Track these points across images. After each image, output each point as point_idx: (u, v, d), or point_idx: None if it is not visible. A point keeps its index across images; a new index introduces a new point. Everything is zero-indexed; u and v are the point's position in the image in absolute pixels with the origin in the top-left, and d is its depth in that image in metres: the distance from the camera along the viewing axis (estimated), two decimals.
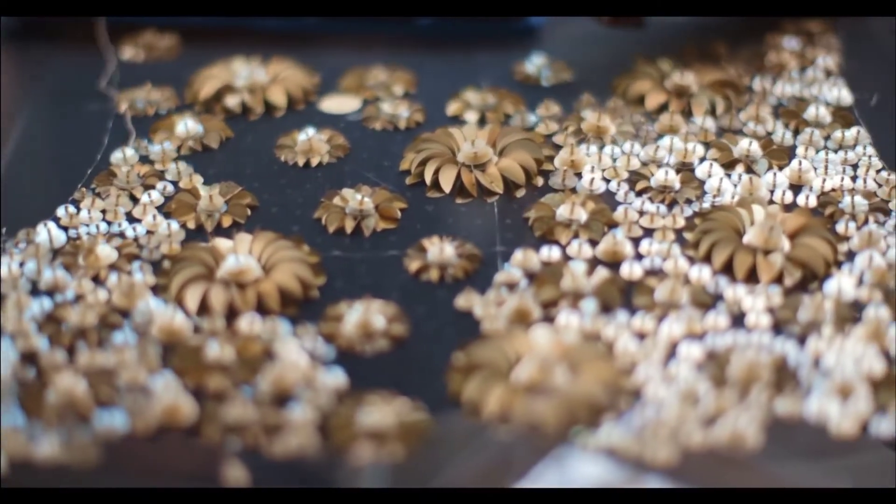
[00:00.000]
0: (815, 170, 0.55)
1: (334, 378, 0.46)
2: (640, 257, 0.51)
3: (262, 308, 0.48)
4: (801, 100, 0.60)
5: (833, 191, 0.54)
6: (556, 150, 0.57)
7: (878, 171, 0.55)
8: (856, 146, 0.57)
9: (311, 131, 0.58)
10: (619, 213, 0.53)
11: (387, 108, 0.60)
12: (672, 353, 0.46)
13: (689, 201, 0.54)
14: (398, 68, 0.63)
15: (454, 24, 0.66)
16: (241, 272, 0.49)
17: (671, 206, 0.53)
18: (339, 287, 0.50)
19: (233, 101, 0.60)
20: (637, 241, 0.51)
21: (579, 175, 0.55)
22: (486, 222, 0.53)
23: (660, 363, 0.46)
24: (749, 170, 0.55)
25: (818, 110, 0.58)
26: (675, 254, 0.51)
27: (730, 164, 0.56)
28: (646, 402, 0.45)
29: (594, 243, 0.51)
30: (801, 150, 0.57)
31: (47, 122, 0.60)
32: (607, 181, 0.55)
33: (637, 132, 0.58)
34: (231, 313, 0.48)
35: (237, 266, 0.49)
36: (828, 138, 0.57)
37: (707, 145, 0.57)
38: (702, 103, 0.59)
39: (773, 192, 0.54)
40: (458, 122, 0.59)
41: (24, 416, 0.44)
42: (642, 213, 0.53)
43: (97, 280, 0.50)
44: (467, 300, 0.49)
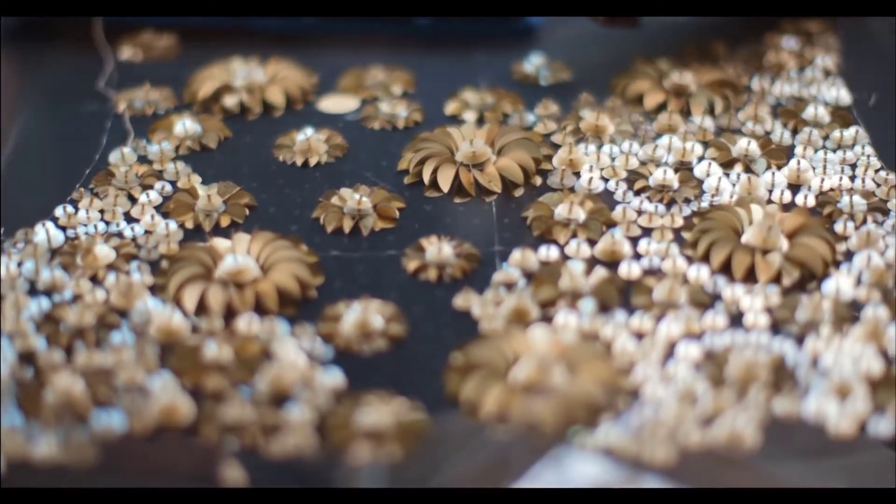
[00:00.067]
0: (814, 169, 0.55)
1: (332, 378, 0.46)
2: (638, 257, 0.51)
3: (260, 308, 0.48)
4: (800, 99, 0.60)
5: (831, 190, 0.54)
6: (555, 149, 0.57)
7: (876, 171, 0.55)
8: (854, 146, 0.57)
9: (310, 131, 0.58)
10: (617, 213, 0.53)
11: (385, 107, 0.60)
12: (670, 352, 0.46)
13: (688, 201, 0.54)
14: (397, 68, 0.63)
15: (453, 24, 0.66)
16: (240, 272, 0.49)
17: (670, 205, 0.53)
18: (337, 287, 0.50)
19: (231, 101, 0.60)
20: (635, 241, 0.51)
21: (578, 174, 0.55)
22: (484, 222, 0.53)
23: (658, 363, 0.46)
24: (748, 169, 0.55)
25: (817, 110, 0.58)
26: (673, 253, 0.51)
27: (728, 164, 0.56)
28: (644, 401, 0.44)
29: (592, 243, 0.51)
30: (799, 150, 0.56)
31: (45, 123, 0.60)
32: (606, 180, 0.55)
33: (635, 131, 0.58)
34: (229, 313, 0.48)
35: (235, 266, 0.49)
36: (826, 138, 0.57)
37: (706, 145, 0.57)
38: (700, 103, 0.59)
39: (771, 191, 0.54)
40: (456, 121, 0.59)
41: (22, 416, 0.44)
42: (641, 213, 0.53)
43: (95, 280, 0.50)
44: (465, 300, 0.49)
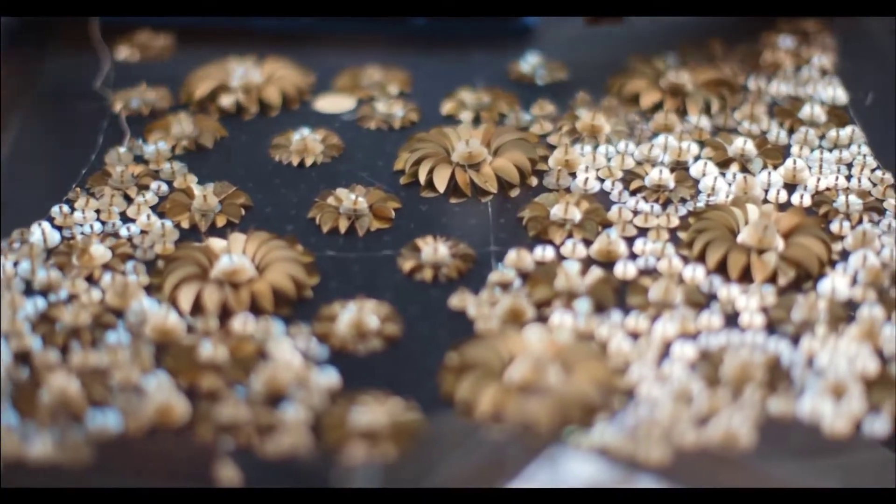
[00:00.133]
0: (810, 169, 0.55)
1: (327, 378, 0.46)
2: (634, 257, 0.51)
3: (255, 308, 0.48)
4: (796, 99, 0.60)
5: (827, 190, 0.54)
6: (551, 149, 0.57)
7: (872, 171, 0.55)
8: (850, 145, 0.57)
9: (306, 131, 0.58)
10: (613, 213, 0.53)
11: (381, 107, 0.60)
12: (666, 352, 0.46)
13: (684, 200, 0.54)
14: (393, 68, 0.63)
15: (449, 24, 0.66)
16: (235, 272, 0.49)
17: (665, 205, 0.53)
18: (332, 287, 0.50)
19: (227, 101, 0.60)
20: (631, 241, 0.51)
21: (573, 175, 0.55)
22: (480, 222, 0.53)
23: (653, 363, 0.46)
24: (744, 169, 0.55)
25: (813, 109, 0.58)
26: (669, 253, 0.51)
27: (724, 163, 0.55)
28: (639, 401, 0.44)
29: (588, 243, 0.51)
30: (795, 150, 0.56)
31: (42, 122, 0.60)
32: (601, 181, 0.55)
33: (632, 131, 0.58)
34: (225, 313, 0.48)
35: (231, 266, 0.49)
36: (822, 137, 0.57)
37: (702, 144, 0.57)
38: (697, 102, 0.59)
39: (767, 191, 0.54)
40: (452, 121, 0.59)
41: (18, 415, 0.44)
42: (636, 213, 0.53)
43: (91, 280, 0.50)
44: (461, 300, 0.49)
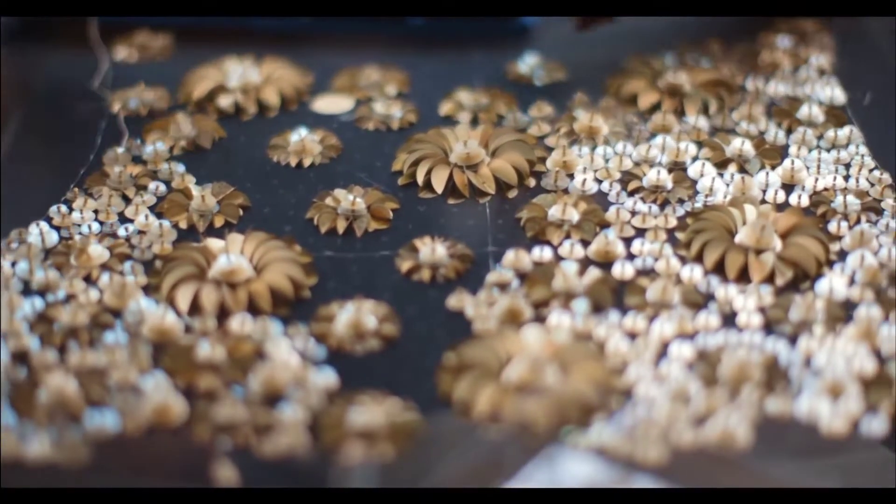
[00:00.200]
0: (808, 169, 0.55)
1: (325, 378, 0.46)
2: (631, 257, 0.51)
3: (253, 308, 0.48)
4: (794, 99, 0.60)
5: (825, 190, 0.54)
6: (549, 151, 0.57)
7: (870, 171, 0.55)
8: (848, 145, 0.57)
9: (304, 132, 0.58)
10: (611, 214, 0.53)
11: (379, 108, 0.60)
12: (663, 352, 0.46)
13: (682, 201, 0.54)
14: (391, 68, 0.63)
15: (447, 24, 0.66)
16: (233, 272, 0.49)
17: (663, 205, 0.53)
18: (330, 287, 0.50)
19: (226, 102, 0.60)
20: (629, 241, 0.51)
21: (571, 176, 0.55)
22: (477, 223, 0.53)
23: (651, 363, 0.46)
24: (741, 169, 0.55)
25: (811, 109, 0.58)
26: (666, 254, 0.51)
27: (722, 164, 0.55)
28: (637, 401, 0.44)
29: (586, 243, 0.51)
30: (793, 150, 0.56)
31: (41, 122, 0.60)
32: (599, 182, 0.55)
33: (629, 132, 0.58)
34: (222, 313, 0.48)
35: (229, 266, 0.49)
36: (820, 137, 0.57)
37: (700, 144, 0.57)
38: (695, 102, 0.59)
39: (765, 191, 0.54)
40: (450, 122, 0.59)
41: (15, 415, 0.44)
42: (634, 213, 0.53)
43: (89, 280, 0.50)
44: (459, 300, 0.49)
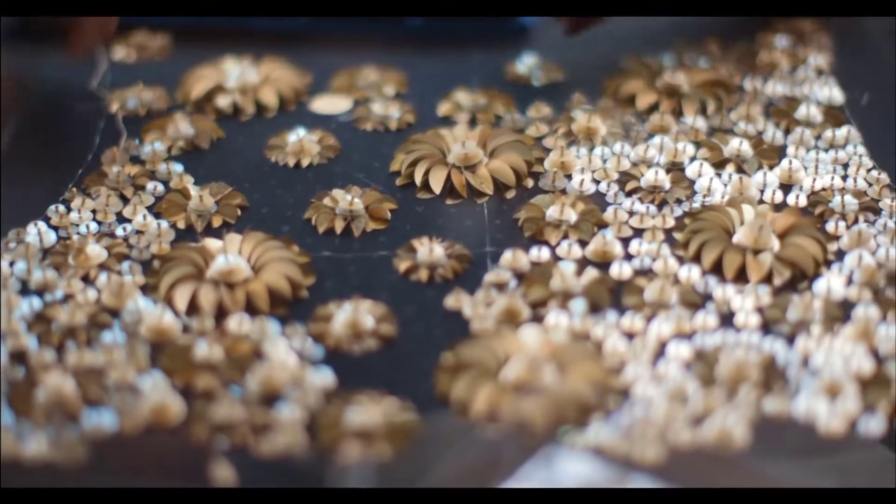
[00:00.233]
0: (806, 169, 0.55)
1: (323, 378, 0.46)
2: (629, 257, 0.51)
3: (251, 308, 0.48)
4: (793, 99, 0.60)
5: (823, 190, 0.54)
6: (547, 152, 0.57)
7: (868, 171, 0.55)
8: (846, 145, 0.57)
9: (302, 132, 0.58)
10: (608, 214, 0.53)
11: (377, 108, 0.60)
12: (661, 352, 0.46)
13: (679, 201, 0.54)
14: (389, 68, 0.63)
15: (445, 24, 0.66)
16: (231, 272, 0.49)
17: (661, 206, 0.53)
18: (328, 287, 0.50)
19: (224, 102, 0.60)
20: (627, 242, 0.51)
21: (569, 177, 0.55)
22: (475, 223, 0.53)
23: (648, 362, 0.46)
24: (739, 169, 0.55)
25: (809, 109, 0.58)
26: (664, 254, 0.51)
27: (720, 164, 0.55)
28: (634, 401, 0.44)
29: (584, 244, 0.51)
30: (791, 150, 0.56)
31: (39, 122, 0.60)
32: (597, 182, 0.55)
33: (627, 132, 0.58)
34: (220, 313, 0.48)
35: (227, 266, 0.49)
36: (819, 137, 0.57)
37: (698, 145, 0.57)
38: (693, 103, 0.59)
39: (763, 191, 0.54)
40: (449, 122, 0.59)
41: (13, 415, 0.44)
42: (632, 214, 0.53)
43: (87, 280, 0.50)
44: (457, 300, 0.49)
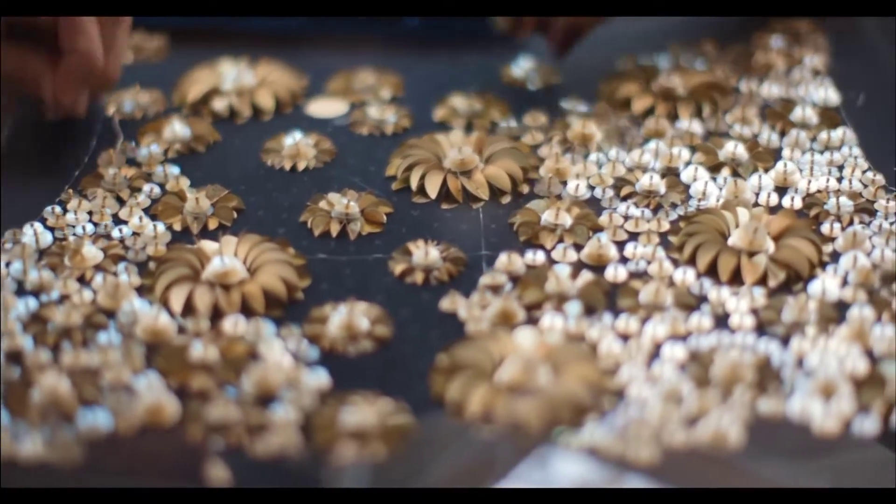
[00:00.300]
0: (801, 171, 0.55)
1: (318, 379, 0.46)
2: (624, 260, 0.51)
3: (246, 309, 0.48)
4: (788, 101, 0.60)
5: (818, 192, 0.54)
6: (541, 161, 0.57)
7: (863, 172, 0.55)
8: (842, 147, 0.57)
9: (298, 135, 0.58)
10: (604, 218, 0.53)
11: (374, 112, 0.60)
12: (656, 353, 0.46)
13: (674, 205, 0.54)
14: (386, 71, 0.63)
15: (442, 26, 0.65)
16: (227, 274, 0.49)
17: (656, 210, 0.53)
18: (324, 289, 0.50)
19: (220, 105, 0.60)
20: (622, 245, 0.51)
21: (565, 183, 0.55)
22: (471, 227, 0.53)
23: (643, 364, 0.46)
24: (735, 173, 0.55)
25: (804, 111, 0.59)
26: (659, 256, 0.51)
27: (715, 168, 0.56)
28: (629, 402, 0.44)
29: (579, 247, 0.51)
30: (786, 152, 0.57)
31: (36, 124, 0.60)
32: (592, 188, 0.55)
33: (623, 137, 0.58)
34: (216, 314, 0.48)
35: (222, 268, 0.49)
36: (814, 139, 0.57)
37: (693, 149, 0.57)
38: (688, 106, 0.59)
39: (758, 194, 0.54)
40: (444, 127, 0.59)
41: (9, 415, 0.44)
42: (627, 218, 0.53)
43: (83, 280, 0.50)
44: (452, 302, 0.49)
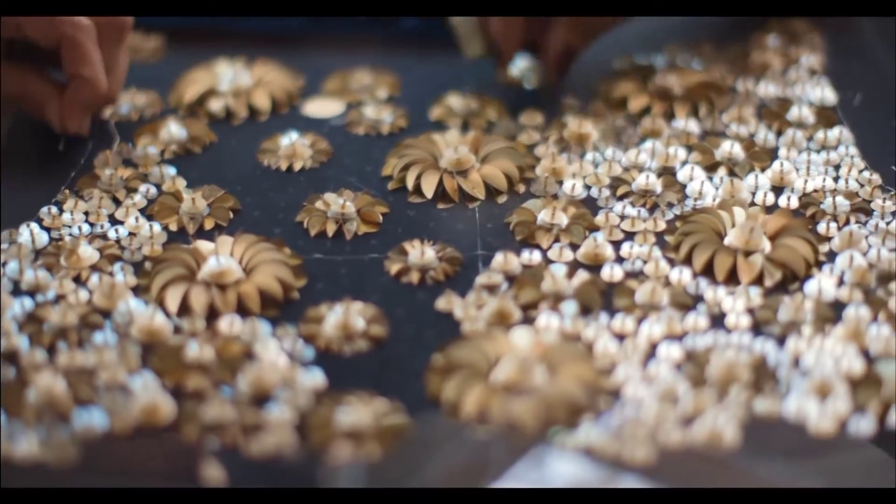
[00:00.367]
0: (797, 171, 0.55)
1: (313, 378, 0.46)
2: (620, 260, 0.51)
3: (242, 309, 0.48)
4: (785, 100, 0.60)
5: (815, 192, 0.54)
6: (538, 160, 0.57)
7: (860, 172, 0.55)
8: (838, 146, 0.57)
9: (295, 136, 0.58)
10: (600, 218, 0.53)
11: (370, 112, 0.60)
12: (652, 353, 0.46)
13: (671, 205, 0.54)
14: (382, 71, 0.63)
15: (439, 26, 0.65)
16: (222, 274, 0.49)
17: (652, 209, 0.53)
18: (319, 289, 0.50)
19: (216, 106, 0.60)
20: (618, 245, 0.51)
21: (561, 183, 0.55)
22: (467, 227, 0.53)
23: (639, 364, 0.46)
24: (731, 172, 0.55)
25: (801, 111, 0.58)
26: (655, 256, 0.51)
27: (712, 167, 0.56)
28: (625, 401, 0.44)
29: (575, 247, 0.51)
30: (783, 152, 0.57)
31: (33, 125, 0.60)
32: (588, 188, 0.55)
33: (619, 137, 0.58)
34: (212, 314, 0.48)
35: (218, 268, 0.49)
36: (810, 139, 0.57)
37: (689, 148, 0.57)
38: (684, 106, 0.59)
39: (754, 193, 0.54)
40: (441, 127, 0.59)
41: (4, 415, 0.44)
42: (623, 217, 0.53)
43: (78, 280, 0.50)
44: (447, 302, 0.49)
